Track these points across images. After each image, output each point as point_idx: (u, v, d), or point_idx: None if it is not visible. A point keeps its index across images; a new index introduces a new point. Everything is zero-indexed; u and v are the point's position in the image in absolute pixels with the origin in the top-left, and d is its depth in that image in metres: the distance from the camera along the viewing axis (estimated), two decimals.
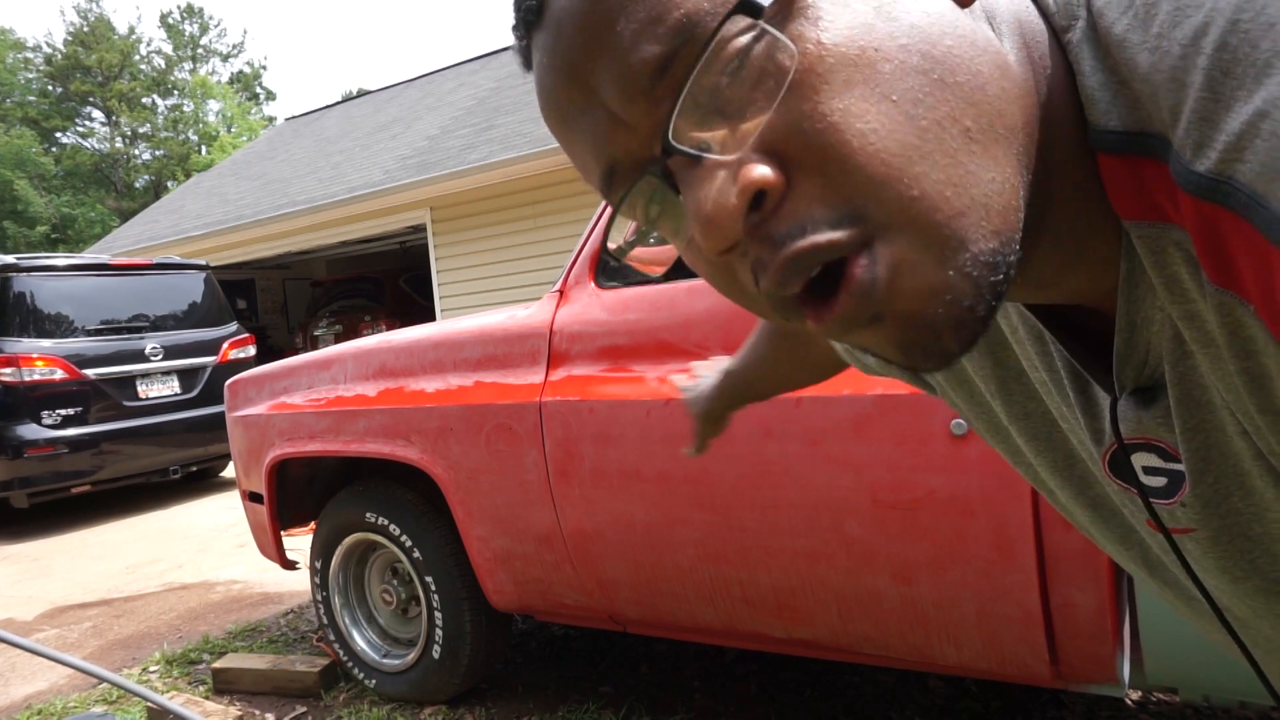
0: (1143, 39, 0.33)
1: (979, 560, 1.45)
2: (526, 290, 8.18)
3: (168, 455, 5.90)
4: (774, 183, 0.34)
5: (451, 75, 13.37)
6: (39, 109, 31.18)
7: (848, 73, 0.33)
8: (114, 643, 3.27)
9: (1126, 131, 0.35)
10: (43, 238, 28.11)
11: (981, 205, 0.34)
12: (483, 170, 8.18)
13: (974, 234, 0.34)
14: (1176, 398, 0.39)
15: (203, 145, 34.44)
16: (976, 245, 0.34)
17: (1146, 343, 0.39)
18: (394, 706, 2.38)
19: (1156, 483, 0.43)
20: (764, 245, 0.35)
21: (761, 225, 0.35)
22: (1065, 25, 0.37)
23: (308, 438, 2.39)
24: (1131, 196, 0.36)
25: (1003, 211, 0.34)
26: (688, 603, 1.84)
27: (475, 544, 2.11)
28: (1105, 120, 0.35)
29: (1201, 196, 0.30)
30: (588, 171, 0.41)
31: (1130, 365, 0.41)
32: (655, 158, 0.37)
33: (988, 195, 0.34)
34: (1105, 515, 0.52)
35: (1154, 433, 0.41)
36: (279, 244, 10.66)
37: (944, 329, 0.34)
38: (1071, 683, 1.50)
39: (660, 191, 0.38)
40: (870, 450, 1.53)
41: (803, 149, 0.33)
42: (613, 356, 1.91)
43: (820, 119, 0.33)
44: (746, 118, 0.34)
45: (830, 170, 0.33)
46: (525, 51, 0.42)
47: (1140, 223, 0.36)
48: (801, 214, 0.34)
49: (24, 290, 5.52)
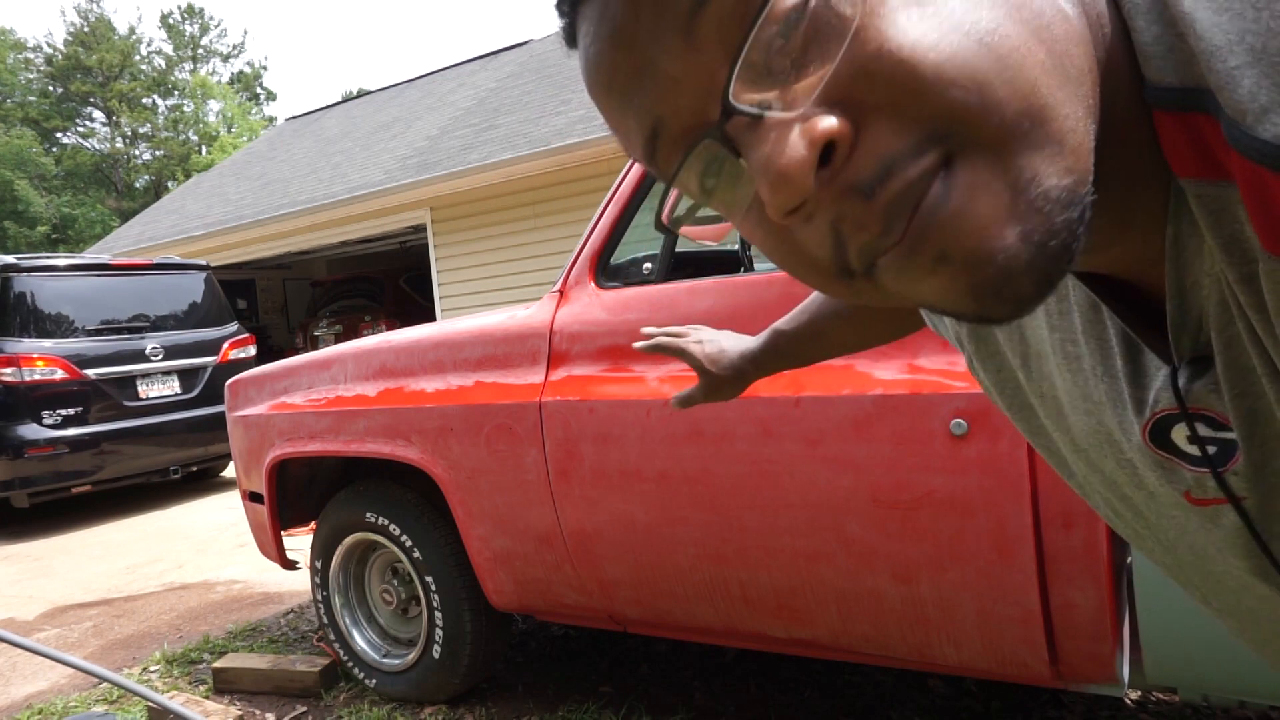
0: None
1: (979, 560, 1.45)
2: (526, 290, 8.18)
3: (168, 455, 5.90)
4: (843, 132, 0.33)
5: (451, 75, 13.37)
6: (39, 109, 31.19)
7: (913, 11, 0.32)
8: (114, 642, 3.27)
9: (1184, 88, 0.34)
10: (43, 238, 28.11)
11: (1057, 140, 0.33)
12: (483, 170, 8.19)
13: (1050, 168, 0.32)
14: (1223, 364, 0.39)
15: (203, 145, 34.44)
16: (1051, 180, 0.32)
17: (1199, 308, 0.39)
18: (394, 706, 2.38)
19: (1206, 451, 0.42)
20: (845, 198, 0.34)
21: (837, 178, 0.34)
22: None
23: (308, 438, 2.39)
24: (1190, 153, 0.35)
25: (1077, 150, 0.33)
26: (688, 603, 1.84)
27: (475, 544, 2.11)
28: (1161, 76, 0.35)
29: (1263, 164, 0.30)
30: (630, 141, 0.40)
31: (1186, 332, 0.40)
32: (712, 122, 0.36)
33: (1063, 131, 0.33)
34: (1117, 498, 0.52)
35: (1205, 401, 0.41)
36: (279, 244, 10.66)
37: (1016, 268, 0.33)
38: (1071, 682, 1.50)
39: (719, 157, 0.37)
40: (870, 450, 1.53)
41: (873, 90, 0.32)
42: (613, 356, 1.91)
43: (888, 56, 0.32)
44: (808, 71, 0.33)
45: (904, 103, 0.32)
46: (570, 29, 0.41)
47: (1200, 180, 0.35)
48: (882, 153, 0.33)
49: (24, 290, 5.52)
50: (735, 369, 0.87)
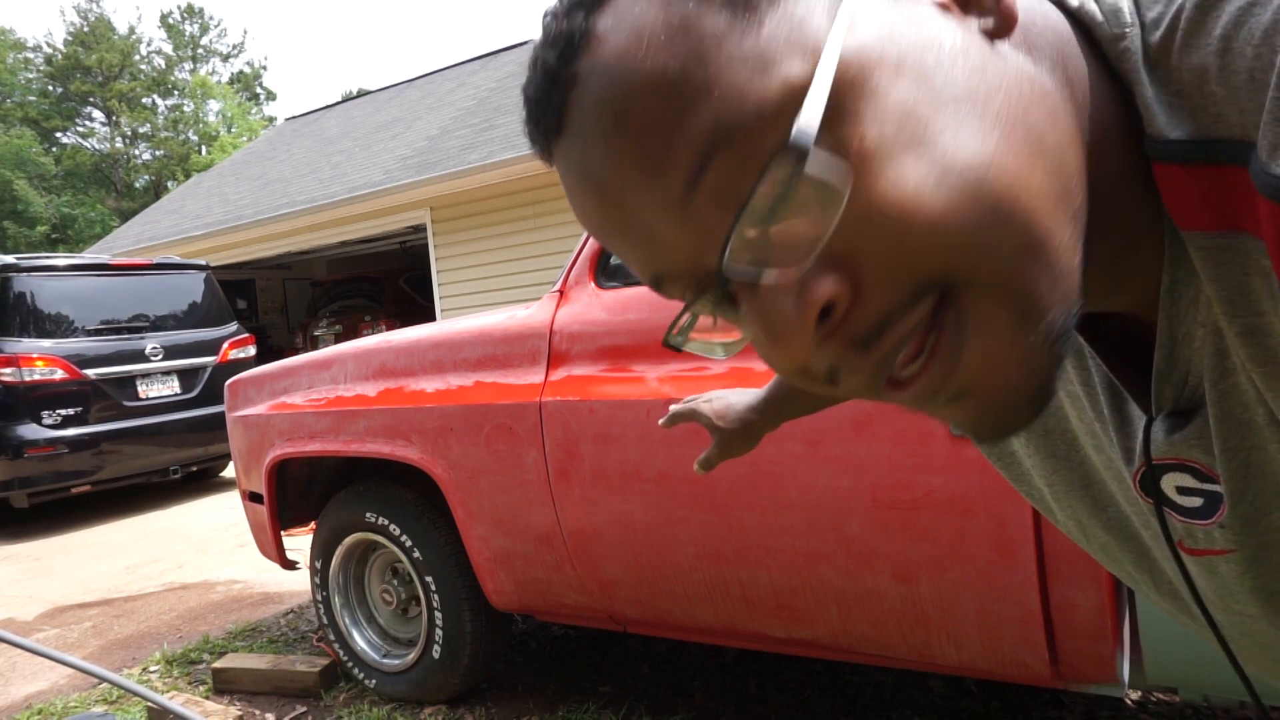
0: (1205, 42, 0.32)
1: (979, 560, 1.45)
2: (526, 290, 8.18)
3: (168, 455, 5.90)
4: (841, 294, 0.32)
5: (451, 75, 13.36)
6: (39, 109, 31.19)
7: (904, 158, 0.31)
8: (114, 642, 3.27)
9: (1194, 140, 0.33)
10: (43, 238, 28.11)
11: (1055, 264, 0.32)
12: (483, 170, 8.19)
13: (1051, 296, 0.32)
14: (1217, 416, 0.38)
15: (203, 145, 34.44)
16: (1051, 313, 0.32)
17: (1187, 360, 0.38)
18: (394, 706, 2.38)
19: (1192, 503, 0.42)
20: (845, 349, 0.34)
21: (836, 332, 0.33)
22: (1117, 34, 0.36)
23: (308, 438, 2.39)
24: (1197, 206, 0.34)
25: (1069, 273, 0.33)
26: (688, 603, 1.84)
27: (475, 544, 2.11)
28: (1167, 130, 0.34)
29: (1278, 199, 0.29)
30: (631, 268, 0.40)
31: (1170, 383, 0.40)
32: (711, 275, 0.35)
33: (1060, 252, 0.33)
34: (1121, 538, 0.51)
35: (1187, 453, 0.40)
36: (279, 244, 10.66)
37: (1021, 404, 0.34)
38: (1071, 683, 1.50)
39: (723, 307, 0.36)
40: (870, 450, 1.53)
41: (867, 246, 0.32)
42: (613, 356, 1.91)
43: (881, 214, 0.31)
44: (804, 231, 0.32)
45: (901, 257, 0.32)
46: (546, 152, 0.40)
47: (1205, 233, 0.34)
48: (877, 308, 0.33)
49: (24, 290, 5.52)
50: (742, 421, 0.87)
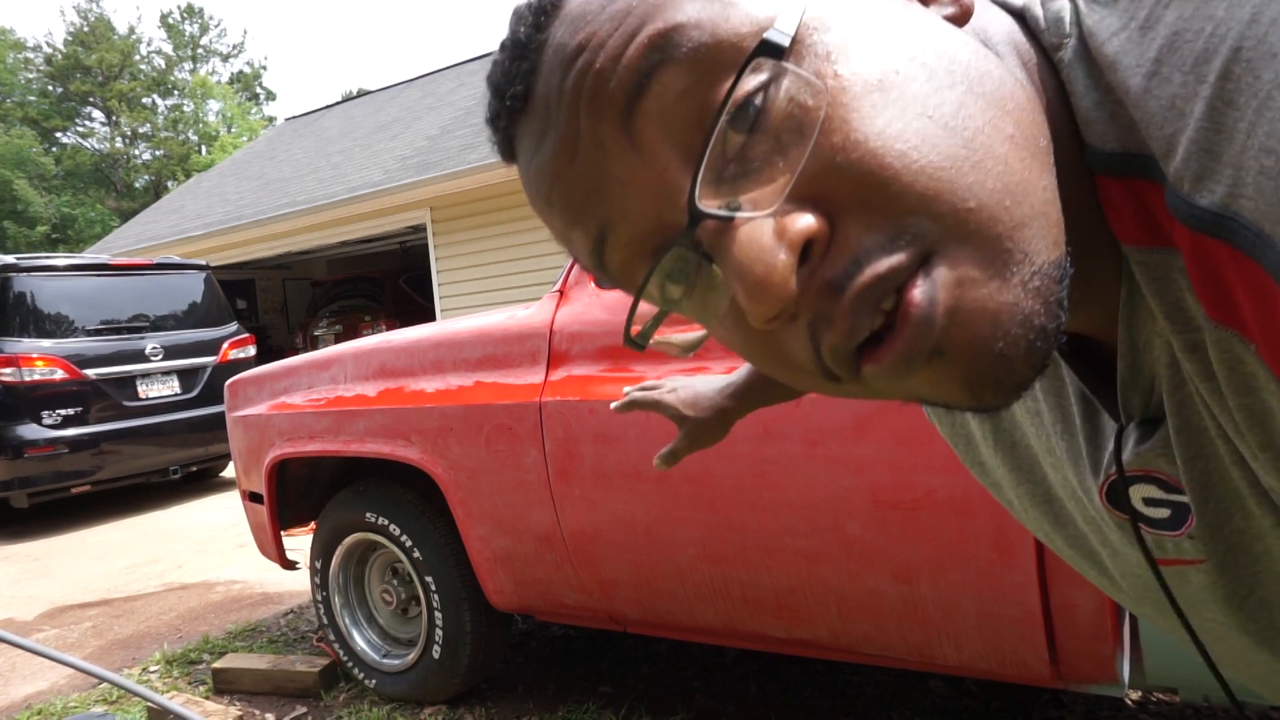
0: (1137, 62, 0.32)
1: (979, 560, 1.45)
2: (526, 290, 8.18)
3: (168, 455, 5.89)
4: (820, 230, 0.31)
5: (451, 75, 13.36)
6: (39, 109, 31.18)
7: (875, 98, 0.31)
8: (114, 643, 3.27)
9: (1125, 153, 0.33)
10: (43, 238, 28.11)
11: (1041, 214, 0.31)
12: (483, 170, 8.19)
13: (1038, 244, 0.31)
14: (1176, 426, 0.38)
15: (203, 145, 34.43)
16: (1041, 257, 0.31)
17: (1150, 367, 0.38)
18: (394, 706, 2.38)
19: (1160, 514, 0.42)
20: (821, 296, 0.32)
21: (814, 276, 0.32)
22: (1055, 44, 0.36)
23: (308, 438, 2.39)
24: (1131, 221, 0.34)
25: (1057, 221, 0.32)
26: (688, 603, 1.84)
27: (475, 544, 2.11)
28: (1102, 142, 0.34)
29: (1202, 231, 0.29)
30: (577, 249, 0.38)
31: (1136, 391, 0.39)
32: (679, 227, 0.33)
33: (1045, 202, 0.32)
34: (1081, 554, 0.51)
35: (1153, 464, 0.40)
36: (279, 244, 10.66)
37: (1016, 355, 0.31)
38: (1071, 683, 1.50)
39: (689, 265, 0.34)
40: (870, 450, 1.53)
41: (842, 184, 0.31)
42: (613, 356, 1.91)
43: (855, 148, 0.30)
44: (775, 166, 0.31)
45: (876, 197, 0.30)
46: (507, 141, 0.39)
47: (1141, 248, 0.34)
48: (853, 248, 0.31)
49: (24, 290, 5.52)
50: (715, 407, 0.81)
